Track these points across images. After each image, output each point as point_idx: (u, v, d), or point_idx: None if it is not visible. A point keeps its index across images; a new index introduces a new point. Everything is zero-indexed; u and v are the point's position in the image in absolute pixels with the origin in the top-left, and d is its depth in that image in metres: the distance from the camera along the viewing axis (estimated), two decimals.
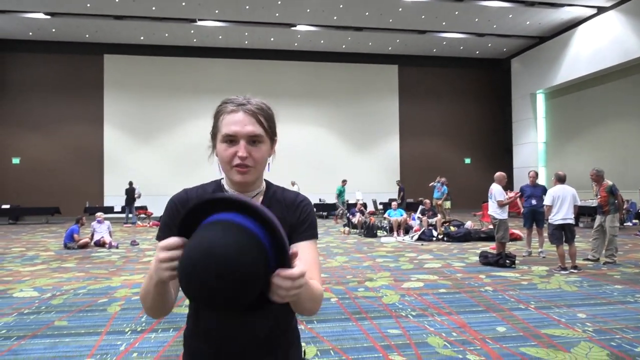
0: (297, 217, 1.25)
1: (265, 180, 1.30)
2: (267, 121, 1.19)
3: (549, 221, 7.10)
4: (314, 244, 1.25)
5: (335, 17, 17.49)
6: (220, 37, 19.27)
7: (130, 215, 16.78)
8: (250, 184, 1.22)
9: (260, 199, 1.26)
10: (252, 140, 1.15)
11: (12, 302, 5.25)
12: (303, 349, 1.34)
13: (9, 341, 3.88)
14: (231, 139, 1.14)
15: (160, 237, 1.19)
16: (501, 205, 7.66)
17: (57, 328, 4.25)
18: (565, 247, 6.99)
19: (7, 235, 12.96)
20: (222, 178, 1.27)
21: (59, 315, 4.66)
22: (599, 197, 7.81)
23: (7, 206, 17.43)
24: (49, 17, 16.64)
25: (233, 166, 1.15)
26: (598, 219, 7.85)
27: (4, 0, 15.52)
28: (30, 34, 18.62)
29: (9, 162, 19.19)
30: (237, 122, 1.14)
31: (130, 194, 16.80)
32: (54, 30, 18.27)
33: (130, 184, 16.99)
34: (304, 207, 1.27)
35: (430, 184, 16.06)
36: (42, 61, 19.56)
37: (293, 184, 16.25)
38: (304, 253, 1.12)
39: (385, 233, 12.34)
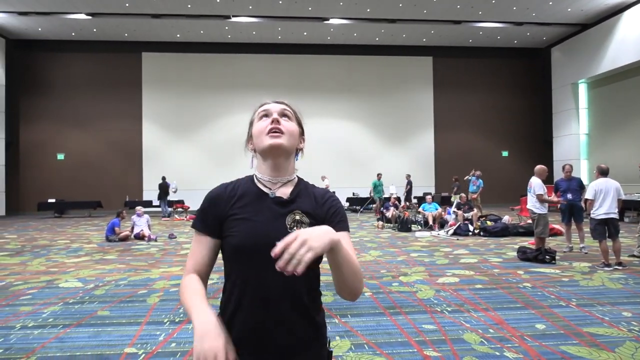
0: (326, 211, 1.30)
1: (297, 176, 1.38)
2: (295, 112, 1.37)
3: (591, 216, 6.81)
4: (347, 236, 1.27)
5: (368, 10, 17.33)
6: (254, 32, 19.43)
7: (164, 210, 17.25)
8: (283, 156, 1.29)
9: (290, 189, 1.31)
10: (283, 115, 1.33)
11: (58, 292, 5.49)
12: (328, 340, 1.37)
13: (56, 329, 4.06)
14: (265, 114, 1.33)
15: (195, 225, 1.29)
16: (541, 200, 7.42)
17: (99, 317, 4.41)
18: (609, 242, 6.71)
19: (53, 228, 13.55)
20: (254, 174, 1.35)
21: (101, 305, 4.84)
22: None
23: (53, 200, 18.25)
24: (90, 17, 17.23)
25: (266, 134, 1.28)
26: None
27: (49, 3, 16.16)
28: (73, 34, 19.34)
29: (54, 158, 20.05)
30: (270, 106, 1.35)
31: (164, 188, 17.23)
32: (95, 30, 18.90)
33: (164, 179, 17.44)
34: (333, 201, 1.33)
35: (465, 178, 15.76)
36: (84, 60, 20.30)
37: (323, 178, 16.25)
38: None
39: (420, 227, 12.19)
